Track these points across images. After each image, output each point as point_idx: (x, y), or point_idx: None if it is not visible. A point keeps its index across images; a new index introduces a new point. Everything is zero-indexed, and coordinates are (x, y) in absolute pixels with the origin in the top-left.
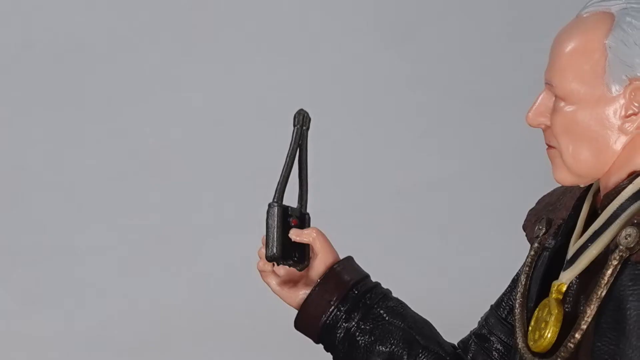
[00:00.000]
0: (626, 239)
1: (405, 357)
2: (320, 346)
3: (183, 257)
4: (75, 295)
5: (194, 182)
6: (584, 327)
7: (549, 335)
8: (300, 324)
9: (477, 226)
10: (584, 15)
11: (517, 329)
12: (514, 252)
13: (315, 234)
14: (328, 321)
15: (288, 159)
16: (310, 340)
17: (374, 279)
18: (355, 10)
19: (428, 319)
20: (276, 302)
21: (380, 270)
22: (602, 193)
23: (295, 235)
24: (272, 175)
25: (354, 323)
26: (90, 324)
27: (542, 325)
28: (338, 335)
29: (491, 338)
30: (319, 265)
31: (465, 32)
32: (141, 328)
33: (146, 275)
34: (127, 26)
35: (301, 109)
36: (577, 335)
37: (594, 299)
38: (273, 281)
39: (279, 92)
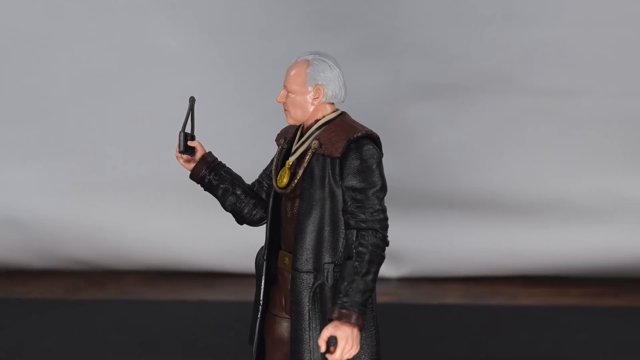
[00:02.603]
0: (313, 145)
1: (230, 189)
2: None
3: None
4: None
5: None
6: (298, 177)
7: (285, 180)
8: (192, 177)
9: (264, 144)
10: (299, 60)
11: (273, 178)
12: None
13: (198, 143)
14: (202, 176)
15: (186, 115)
16: None
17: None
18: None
19: (241, 176)
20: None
21: (223, 157)
22: (305, 127)
23: (189, 143)
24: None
25: (212, 177)
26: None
27: (282, 177)
28: (206, 181)
29: (263, 182)
30: (198, 155)
31: (260, 58)
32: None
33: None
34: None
35: (192, 96)
36: (295, 181)
37: (302, 167)
38: (181, 160)
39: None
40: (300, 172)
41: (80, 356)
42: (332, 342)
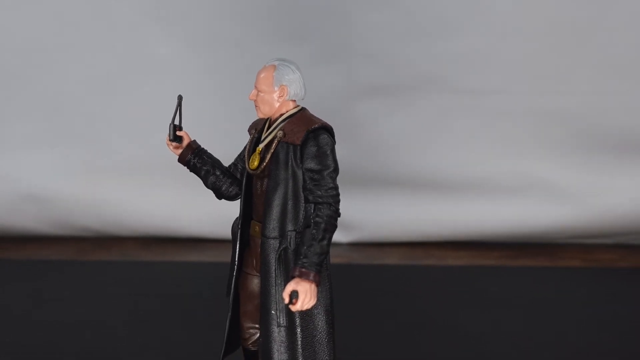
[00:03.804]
0: (279, 134)
1: (211, 170)
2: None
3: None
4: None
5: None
6: (266, 161)
7: (255, 163)
8: (180, 161)
9: (238, 133)
10: (267, 65)
11: (246, 161)
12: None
13: (184, 133)
14: (188, 160)
15: (175, 110)
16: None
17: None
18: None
19: (220, 159)
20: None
21: (205, 144)
22: (272, 120)
23: (178, 133)
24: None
25: (196, 160)
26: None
27: (254, 160)
28: (191, 164)
29: (237, 164)
30: (185, 142)
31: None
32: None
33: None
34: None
35: (179, 94)
36: (264, 163)
37: (269, 152)
38: (171, 147)
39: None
40: (268, 156)
41: (89, 306)
42: (294, 295)
